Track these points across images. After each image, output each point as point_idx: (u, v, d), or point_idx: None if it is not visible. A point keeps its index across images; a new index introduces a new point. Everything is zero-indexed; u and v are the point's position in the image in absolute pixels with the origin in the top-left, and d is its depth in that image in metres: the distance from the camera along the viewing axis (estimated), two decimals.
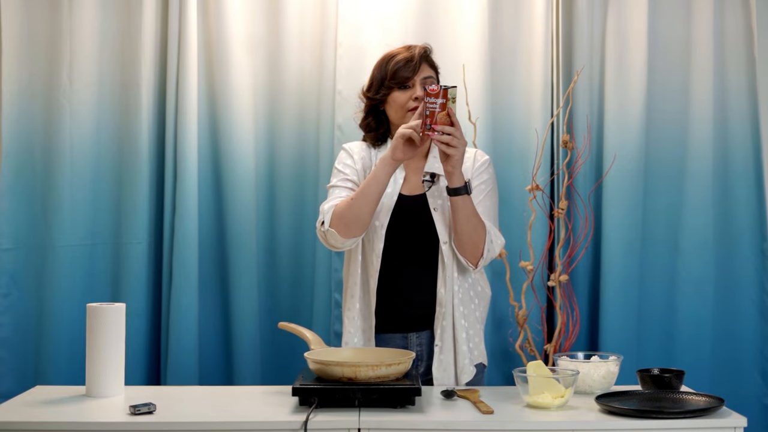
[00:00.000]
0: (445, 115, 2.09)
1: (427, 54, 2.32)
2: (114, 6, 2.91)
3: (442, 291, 2.23)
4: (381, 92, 2.29)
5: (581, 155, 2.92)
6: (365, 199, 2.17)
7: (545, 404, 1.94)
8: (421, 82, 2.26)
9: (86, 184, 2.89)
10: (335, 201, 2.24)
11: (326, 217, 2.20)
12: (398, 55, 2.28)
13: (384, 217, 2.24)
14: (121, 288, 2.88)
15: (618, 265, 2.90)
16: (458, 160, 2.11)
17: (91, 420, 1.89)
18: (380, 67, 2.31)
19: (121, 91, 2.91)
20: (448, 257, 2.23)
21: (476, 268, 2.23)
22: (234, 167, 2.92)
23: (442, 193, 2.25)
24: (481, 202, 2.27)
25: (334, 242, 2.21)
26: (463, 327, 2.25)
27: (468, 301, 2.27)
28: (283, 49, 2.95)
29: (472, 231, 2.18)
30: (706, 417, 1.88)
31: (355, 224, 2.18)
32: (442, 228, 2.23)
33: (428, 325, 2.27)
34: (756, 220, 2.97)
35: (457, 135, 2.09)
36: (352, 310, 2.28)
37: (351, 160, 2.33)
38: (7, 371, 2.83)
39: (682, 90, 2.99)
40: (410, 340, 2.27)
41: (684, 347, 2.95)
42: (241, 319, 2.90)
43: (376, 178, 2.17)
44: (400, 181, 2.28)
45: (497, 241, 2.24)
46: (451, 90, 2.09)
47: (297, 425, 1.83)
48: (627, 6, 2.96)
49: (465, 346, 2.25)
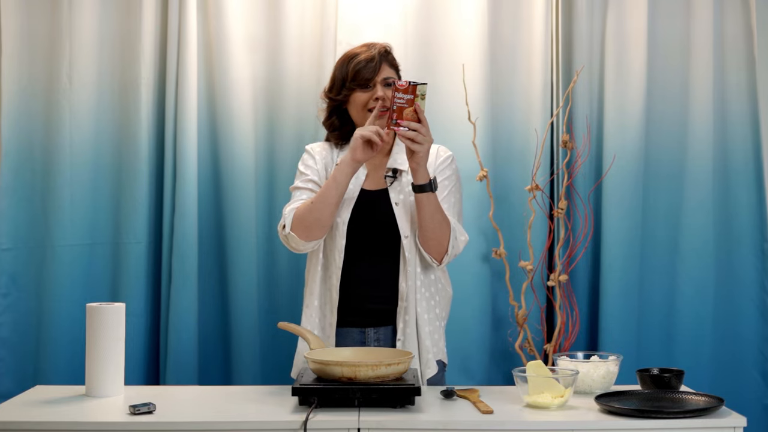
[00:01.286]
0: (412, 111, 2.10)
1: (387, 53, 2.32)
2: (114, 6, 2.91)
3: (404, 285, 2.23)
4: (342, 93, 2.29)
5: (581, 155, 2.92)
6: (325, 202, 2.18)
7: (545, 404, 1.94)
8: (382, 82, 2.26)
9: (86, 184, 2.89)
10: (296, 203, 2.24)
11: (287, 221, 2.21)
12: (359, 56, 2.28)
13: (345, 213, 2.24)
14: (121, 288, 2.88)
15: (618, 264, 2.90)
16: (423, 156, 2.12)
17: (91, 420, 1.89)
18: (341, 67, 2.31)
19: (121, 91, 2.91)
20: (409, 252, 2.23)
21: (440, 264, 2.25)
22: (233, 167, 2.92)
23: (404, 188, 2.25)
24: (445, 198, 2.28)
25: (296, 245, 2.22)
26: (426, 321, 2.25)
27: (429, 297, 2.28)
28: (283, 49, 2.95)
29: (436, 227, 2.18)
30: (706, 417, 1.88)
31: (316, 227, 2.19)
32: (404, 222, 2.24)
33: (388, 321, 2.26)
34: (756, 220, 2.97)
35: (422, 131, 2.10)
36: (311, 307, 2.28)
37: (312, 161, 2.33)
38: (7, 371, 2.83)
39: (682, 90, 2.99)
40: (368, 335, 2.27)
41: (684, 347, 2.95)
42: (240, 319, 2.90)
43: (335, 181, 2.17)
44: (362, 177, 2.29)
45: (461, 238, 2.25)
46: (420, 87, 2.10)
47: (297, 425, 1.83)
48: (627, 6, 2.96)
49: (428, 341, 2.25)
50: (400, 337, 2.24)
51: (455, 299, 2.87)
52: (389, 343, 2.26)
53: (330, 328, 2.25)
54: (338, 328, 2.26)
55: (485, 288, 2.93)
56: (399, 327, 2.24)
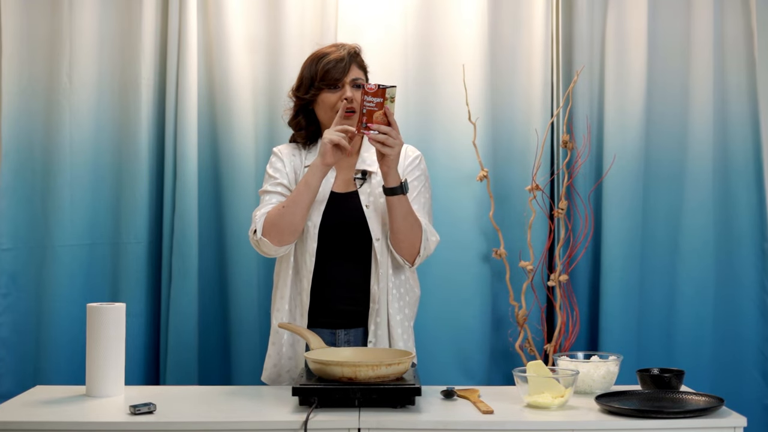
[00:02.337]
0: (382, 114, 2.10)
1: (357, 54, 2.32)
2: (114, 6, 2.91)
3: (376, 288, 2.23)
4: (310, 92, 2.29)
5: (581, 155, 2.92)
6: (297, 206, 2.17)
7: (545, 404, 1.94)
8: (350, 83, 2.26)
9: (86, 184, 2.88)
10: (267, 208, 2.24)
11: (258, 225, 2.21)
12: (328, 55, 2.28)
13: (316, 217, 2.24)
14: (121, 288, 2.88)
15: (618, 265, 2.90)
16: (393, 159, 2.12)
17: (91, 420, 1.89)
18: (309, 67, 2.30)
19: (121, 91, 2.91)
20: (381, 254, 2.23)
21: (412, 265, 2.25)
22: (233, 167, 2.91)
23: (374, 190, 2.25)
24: (415, 198, 2.28)
25: (267, 250, 2.22)
26: (398, 322, 2.25)
27: (399, 298, 2.28)
28: (283, 49, 2.95)
29: (408, 230, 2.19)
30: (706, 417, 1.88)
31: (288, 231, 2.19)
32: (375, 225, 2.24)
33: (359, 323, 2.26)
34: (756, 220, 2.97)
35: (392, 135, 2.10)
36: (281, 311, 2.27)
37: (281, 163, 2.33)
38: (7, 371, 2.83)
39: (682, 90, 2.99)
40: (338, 336, 2.26)
41: (684, 347, 2.95)
42: (240, 319, 2.90)
43: (307, 185, 2.17)
44: (331, 180, 2.28)
45: (432, 239, 2.25)
46: (389, 90, 2.10)
47: (297, 425, 1.83)
48: (627, 6, 2.96)
49: (400, 342, 2.25)
50: (371, 339, 2.24)
51: (456, 299, 2.89)
52: (360, 345, 2.26)
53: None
54: (308, 328, 2.25)
55: (485, 288, 2.93)
56: (370, 329, 2.24)
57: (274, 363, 2.30)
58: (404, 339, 2.27)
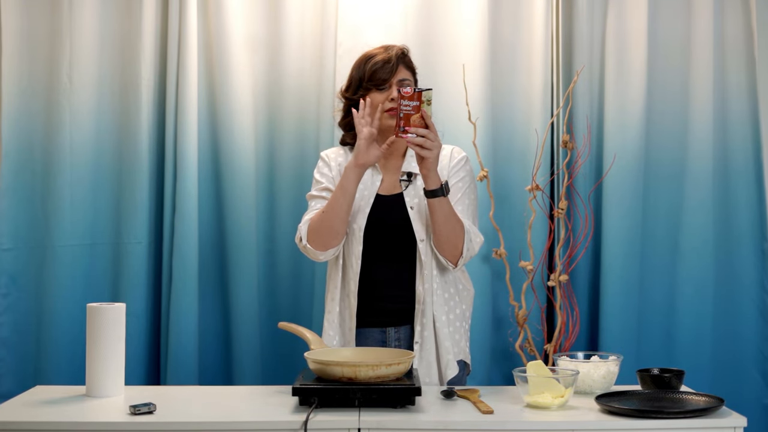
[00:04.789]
0: (419, 118, 2.10)
1: (404, 55, 2.32)
2: (114, 6, 2.91)
3: (421, 288, 2.23)
4: (359, 93, 2.29)
5: (581, 155, 2.92)
6: (335, 211, 2.18)
7: (545, 404, 1.94)
8: (397, 84, 2.26)
9: (86, 184, 2.88)
10: (311, 214, 2.25)
11: (303, 233, 2.23)
12: (376, 56, 2.28)
13: (361, 220, 2.25)
14: (121, 288, 2.88)
15: (618, 265, 2.91)
16: (433, 162, 2.12)
17: (91, 420, 1.89)
18: (358, 68, 2.31)
19: (121, 91, 2.91)
20: (425, 255, 2.23)
21: (456, 267, 2.24)
22: (234, 167, 2.92)
23: (419, 192, 2.25)
24: (459, 200, 2.28)
25: (314, 256, 2.24)
26: (445, 323, 2.25)
27: (449, 298, 2.28)
28: (283, 49, 2.95)
29: (450, 232, 2.18)
30: (706, 417, 1.88)
31: (330, 236, 2.20)
32: (419, 226, 2.24)
33: (408, 320, 2.27)
34: (756, 220, 2.97)
35: (431, 137, 2.10)
36: (332, 313, 2.28)
37: (327, 168, 2.34)
38: (7, 371, 2.83)
39: (682, 90, 2.99)
40: (389, 334, 2.27)
41: (684, 347, 2.95)
42: (241, 319, 2.90)
43: (342, 189, 2.18)
44: (377, 183, 2.29)
45: (476, 240, 2.25)
46: (425, 93, 2.10)
47: (297, 425, 1.83)
48: (627, 6, 2.96)
49: (448, 342, 2.25)
50: (417, 339, 2.24)
51: None
52: (409, 342, 2.26)
53: (350, 332, 2.26)
54: (358, 329, 2.26)
55: (486, 288, 2.93)
56: (416, 329, 2.24)
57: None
58: (455, 339, 2.27)
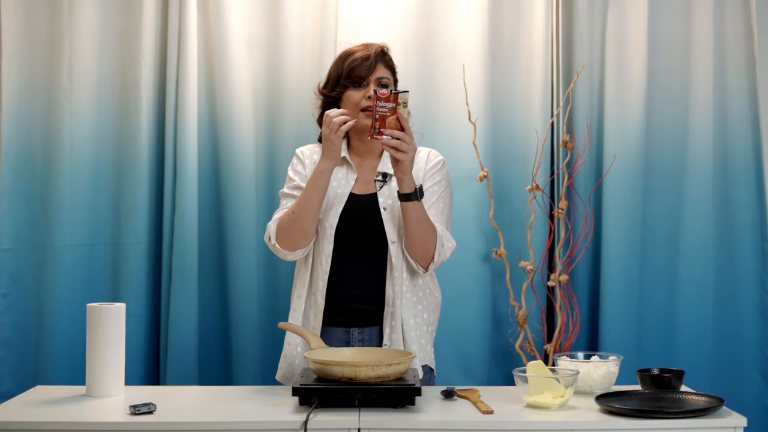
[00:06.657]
0: (395, 120, 2.09)
1: (384, 53, 2.31)
2: (114, 6, 2.91)
3: (390, 290, 2.22)
4: (336, 90, 2.29)
5: (581, 155, 2.92)
6: (305, 211, 2.17)
7: (545, 404, 1.94)
8: (375, 82, 2.25)
9: (86, 184, 2.88)
10: (281, 212, 2.24)
11: (272, 232, 2.21)
12: (355, 54, 2.28)
13: (333, 218, 2.23)
14: (121, 288, 2.88)
15: (618, 265, 2.90)
16: (407, 165, 2.11)
17: (91, 420, 1.90)
18: (337, 65, 2.31)
19: (121, 91, 2.91)
20: (396, 257, 2.22)
21: (426, 271, 2.23)
22: (234, 167, 2.91)
23: (393, 193, 2.23)
24: (434, 204, 2.27)
25: (283, 256, 2.23)
26: (412, 326, 2.24)
27: (417, 302, 2.27)
28: (283, 48, 2.95)
29: (422, 236, 2.17)
30: (706, 417, 1.88)
31: (299, 236, 2.19)
32: (391, 228, 2.23)
33: (374, 322, 2.25)
34: (756, 220, 2.97)
35: (406, 140, 2.09)
36: (297, 312, 2.27)
37: (301, 165, 2.32)
38: (7, 371, 2.83)
39: (682, 90, 2.99)
40: (352, 335, 2.26)
41: (684, 347, 2.94)
42: (241, 319, 2.90)
43: (314, 186, 2.17)
44: (351, 182, 2.28)
45: (448, 245, 2.24)
46: (402, 95, 2.09)
47: (297, 425, 1.84)
48: (627, 6, 2.96)
49: (414, 346, 2.23)
50: (386, 342, 2.23)
51: (456, 299, 2.88)
52: (375, 344, 2.25)
53: (314, 331, 2.24)
54: (323, 327, 2.25)
55: (485, 288, 2.93)
56: (385, 332, 2.23)
57: (289, 363, 2.30)
58: (421, 344, 2.25)
